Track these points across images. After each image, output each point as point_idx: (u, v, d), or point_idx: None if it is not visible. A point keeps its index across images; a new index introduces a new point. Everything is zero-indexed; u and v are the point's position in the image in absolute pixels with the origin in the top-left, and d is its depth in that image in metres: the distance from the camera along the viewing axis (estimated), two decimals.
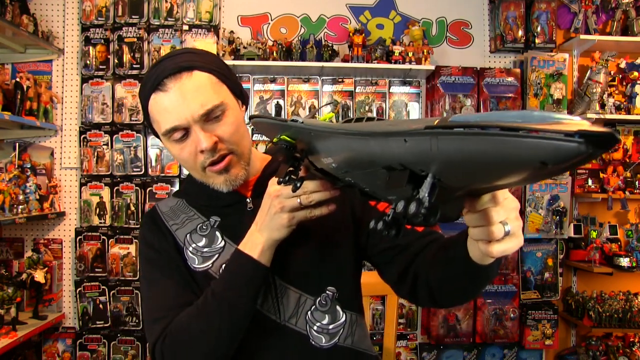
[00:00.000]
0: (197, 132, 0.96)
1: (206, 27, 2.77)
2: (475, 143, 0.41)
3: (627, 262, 2.65)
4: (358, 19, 2.87)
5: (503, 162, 0.41)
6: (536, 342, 2.78)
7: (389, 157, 0.54)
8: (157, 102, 0.98)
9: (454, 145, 0.43)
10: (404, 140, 0.49)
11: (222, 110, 0.98)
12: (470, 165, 0.45)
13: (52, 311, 2.62)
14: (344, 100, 2.80)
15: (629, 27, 2.81)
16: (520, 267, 2.80)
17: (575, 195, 2.88)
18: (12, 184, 2.37)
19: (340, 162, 0.69)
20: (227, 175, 1.00)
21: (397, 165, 0.54)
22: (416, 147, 0.48)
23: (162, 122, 0.98)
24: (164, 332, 0.95)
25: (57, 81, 2.77)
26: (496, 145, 0.39)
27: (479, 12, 2.92)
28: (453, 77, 2.75)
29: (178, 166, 2.73)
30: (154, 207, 1.14)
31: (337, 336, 1.02)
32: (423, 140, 0.46)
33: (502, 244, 0.64)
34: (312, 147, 0.75)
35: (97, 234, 2.70)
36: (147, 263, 1.08)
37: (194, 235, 1.06)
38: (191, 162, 1.00)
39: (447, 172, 0.48)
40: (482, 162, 0.43)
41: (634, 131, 2.89)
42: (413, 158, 0.50)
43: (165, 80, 0.96)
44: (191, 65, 0.98)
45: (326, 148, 0.70)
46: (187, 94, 0.95)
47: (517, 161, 0.39)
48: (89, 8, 2.72)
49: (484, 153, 0.41)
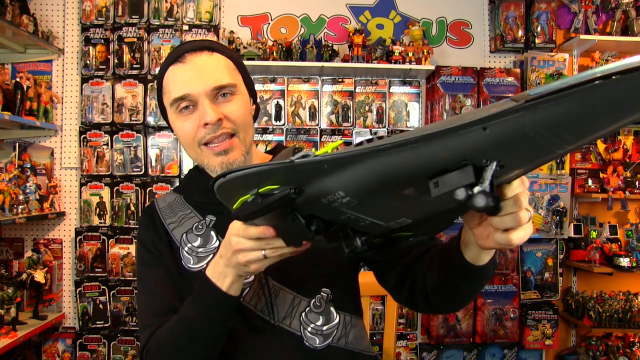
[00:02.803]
0: (204, 105, 0.96)
1: (206, 27, 2.77)
2: (590, 95, 0.40)
3: (627, 262, 2.65)
4: (358, 19, 2.87)
5: (619, 105, 0.41)
6: (536, 342, 2.78)
7: (446, 158, 0.50)
8: (173, 73, 1.00)
9: (560, 109, 0.42)
10: (483, 129, 0.45)
11: (232, 92, 1.00)
12: (574, 125, 0.43)
13: (52, 311, 2.62)
14: (344, 100, 2.80)
15: (629, 27, 2.81)
16: (520, 267, 2.80)
17: (575, 195, 2.88)
18: (12, 184, 2.37)
19: (358, 192, 0.60)
20: (225, 157, 0.99)
21: (453, 164, 0.50)
22: (502, 130, 0.45)
23: (173, 91, 0.99)
24: (149, 341, 0.97)
25: (57, 81, 2.77)
26: (613, 90, 0.39)
27: (479, 12, 2.92)
28: (453, 77, 2.75)
29: (178, 166, 2.73)
30: (153, 203, 1.14)
31: (330, 337, 1.02)
32: (514, 119, 0.43)
33: (522, 230, 0.65)
34: (313, 188, 0.62)
35: (97, 234, 2.70)
36: (141, 264, 1.09)
37: (190, 235, 1.05)
38: (191, 136, 0.99)
39: (529, 149, 0.47)
40: (591, 115, 0.42)
41: (634, 131, 2.89)
42: (491, 146, 0.47)
43: (186, 54, 0.99)
44: (213, 47, 1.02)
45: (341, 180, 0.59)
46: (204, 68, 0.98)
47: (633, 100, 0.39)
48: (89, 8, 2.72)
49: (596, 104, 0.40)
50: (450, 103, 2.74)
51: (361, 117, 2.81)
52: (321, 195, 0.62)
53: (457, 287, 0.85)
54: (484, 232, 0.70)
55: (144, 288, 1.05)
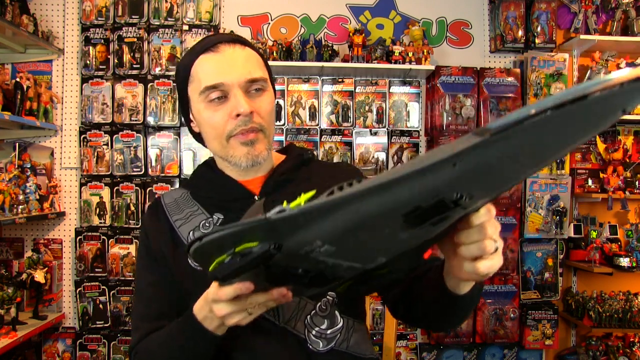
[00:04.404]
0: (238, 96, 0.96)
1: (206, 27, 2.77)
2: (561, 120, 0.42)
3: (627, 262, 2.65)
4: (358, 19, 2.87)
5: (588, 124, 0.44)
6: (536, 342, 2.78)
7: (420, 197, 0.52)
8: (205, 61, 0.98)
9: (520, 140, 0.45)
10: (452, 165, 0.47)
11: (264, 87, 1.00)
12: (542, 147, 0.46)
13: (52, 311, 2.62)
14: (344, 100, 2.80)
15: (629, 27, 2.81)
16: (520, 267, 2.80)
17: (575, 195, 2.88)
18: (12, 184, 2.37)
19: (335, 239, 0.61)
20: (252, 148, 0.99)
21: (427, 201, 0.53)
22: (471, 165, 0.48)
23: (205, 79, 0.97)
24: (137, 345, 0.99)
25: (57, 81, 2.77)
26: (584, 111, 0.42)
27: (479, 12, 2.92)
28: (453, 77, 2.75)
29: (178, 166, 2.73)
30: (158, 199, 1.12)
31: (333, 341, 1.01)
32: (482, 153, 0.46)
33: (489, 260, 0.66)
34: (291, 241, 0.62)
35: (97, 234, 2.69)
36: (139, 263, 1.09)
37: (197, 233, 1.03)
38: (220, 127, 0.98)
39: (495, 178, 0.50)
40: (561, 137, 0.45)
41: (634, 131, 2.89)
42: (461, 180, 0.50)
43: (219, 44, 0.98)
44: (245, 42, 1.02)
45: (318, 231, 0.60)
46: (238, 59, 0.98)
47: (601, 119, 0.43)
48: (89, 8, 2.72)
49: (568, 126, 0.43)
50: (450, 103, 2.74)
51: (361, 117, 2.81)
52: (299, 247, 0.62)
53: (443, 311, 0.88)
54: (458, 263, 0.71)
55: (137, 288, 1.08)
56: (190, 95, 1.03)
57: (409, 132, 2.82)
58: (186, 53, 1.04)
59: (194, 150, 2.75)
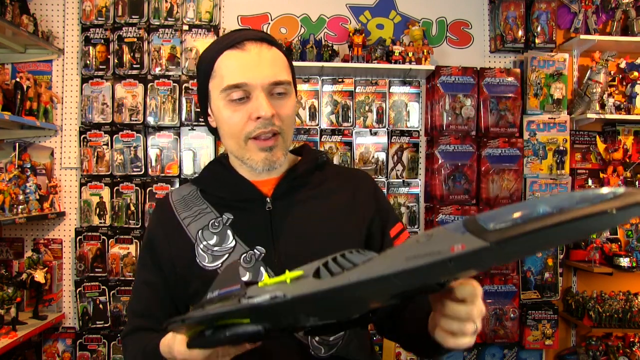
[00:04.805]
0: (260, 98, 0.94)
1: (206, 27, 2.77)
2: (551, 235, 0.44)
3: (627, 262, 2.65)
4: (358, 19, 2.87)
5: (570, 239, 0.46)
6: (536, 342, 2.78)
7: (412, 285, 0.55)
8: (230, 57, 0.96)
9: (529, 244, 0.46)
10: (449, 261, 0.49)
11: (287, 90, 0.98)
12: (533, 249, 0.49)
13: (52, 311, 2.62)
14: (344, 100, 2.80)
15: (629, 27, 2.81)
16: (520, 267, 2.80)
17: None
18: (12, 184, 2.37)
19: (321, 314, 0.64)
20: (270, 154, 0.98)
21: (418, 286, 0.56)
22: (466, 262, 0.49)
23: (228, 77, 0.95)
24: (125, 337, 1.05)
25: (57, 81, 2.77)
26: (570, 231, 0.44)
27: (479, 12, 2.92)
28: (453, 77, 2.75)
29: (178, 166, 2.73)
30: (166, 197, 1.11)
31: (335, 347, 1.01)
32: (480, 254, 0.47)
33: (463, 339, 0.68)
34: (277, 318, 0.64)
35: (97, 234, 2.69)
36: (139, 260, 1.10)
37: (206, 232, 1.02)
38: (239, 128, 0.96)
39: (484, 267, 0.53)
40: (544, 247, 0.48)
41: (634, 131, 2.89)
42: (453, 272, 0.52)
43: (246, 42, 0.96)
44: (272, 41, 0.99)
45: (304, 309, 0.62)
46: (265, 60, 0.95)
47: (585, 234, 0.44)
48: (89, 8, 2.72)
49: (551, 241, 0.46)
50: (450, 103, 2.74)
51: (361, 117, 2.81)
52: (284, 320, 0.64)
53: (424, 348, 0.90)
54: (432, 322, 0.74)
55: (134, 282, 1.11)
56: (211, 90, 1.00)
57: (409, 132, 2.82)
58: (211, 45, 1.01)
59: (194, 150, 2.74)
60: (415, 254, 0.51)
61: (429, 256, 0.49)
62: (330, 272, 0.60)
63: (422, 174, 2.86)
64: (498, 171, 2.74)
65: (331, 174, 1.11)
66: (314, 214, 1.03)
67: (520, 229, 0.44)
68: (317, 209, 1.04)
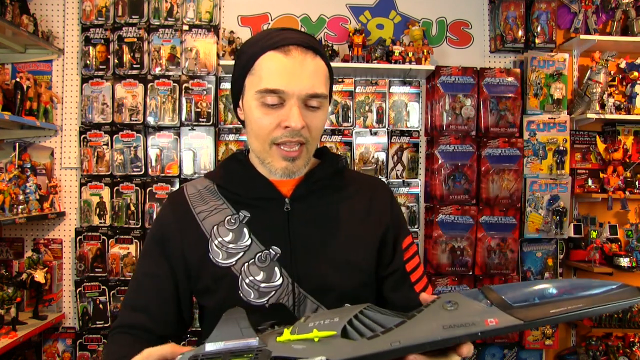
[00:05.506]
0: (294, 108, 0.93)
1: (206, 27, 2.77)
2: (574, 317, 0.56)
3: (627, 262, 2.65)
4: (358, 19, 2.87)
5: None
6: (536, 342, 2.78)
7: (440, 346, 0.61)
8: (273, 59, 0.94)
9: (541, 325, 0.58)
10: (479, 333, 0.57)
11: (321, 104, 0.98)
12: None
13: (52, 311, 2.62)
14: (344, 100, 2.80)
15: (629, 27, 2.81)
16: (520, 267, 2.80)
17: (575, 195, 2.88)
18: (12, 184, 2.37)
19: None
20: (291, 164, 0.98)
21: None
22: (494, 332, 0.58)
23: (267, 80, 0.94)
24: (113, 333, 1.01)
25: (57, 81, 2.77)
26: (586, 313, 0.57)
27: (479, 12, 2.92)
28: (453, 77, 2.75)
29: (178, 166, 2.73)
30: (182, 189, 1.10)
31: None
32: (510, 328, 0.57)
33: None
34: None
35: (97, 234, 2.69)
36: (145, 250, 1.07)
37: (221, 228, 1.01)
38: (266, 131, 0.96)
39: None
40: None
41: (634, 131, 2.89)
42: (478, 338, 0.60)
43: (292, 46, 0.95)
44: (318, 50, 0.98)
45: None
46: (307, 70, 0.94)
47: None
48: (89, 8, 2.72)
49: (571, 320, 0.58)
50: (450, 103, 2.74)
51: (361, 117, 2.81)
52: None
53: None
54: None
55: (134, 273, 1.08)
56: (247, 86, 0.99)
57: (409, 132, 2.82)
58: (256, 39, 0.99)
59: (194, 150, 2.74)
60: (451, 324, 0.58)
61: (465, 327, 0.56)
62: (360, 333, 0.63)
63: (422, 174, 2.86)
64: (498, 171, 2.74)
65: (349, 179, 1.11)
66: (331, 218, 1.04)
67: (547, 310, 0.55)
68: (334, 214, 1.04)
